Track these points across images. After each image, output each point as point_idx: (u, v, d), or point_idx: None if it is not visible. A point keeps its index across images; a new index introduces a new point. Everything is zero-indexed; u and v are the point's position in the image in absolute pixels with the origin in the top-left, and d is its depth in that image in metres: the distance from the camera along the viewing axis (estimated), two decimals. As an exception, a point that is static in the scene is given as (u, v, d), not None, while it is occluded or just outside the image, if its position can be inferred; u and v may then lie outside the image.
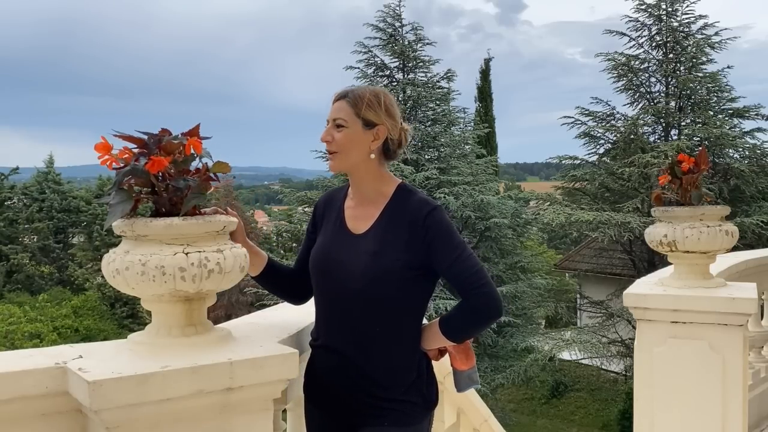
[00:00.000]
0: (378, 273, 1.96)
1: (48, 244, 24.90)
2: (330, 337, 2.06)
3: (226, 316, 15.69)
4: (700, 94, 15.08)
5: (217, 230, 1.63)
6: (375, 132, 2.03)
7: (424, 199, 2.04)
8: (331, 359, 2.05)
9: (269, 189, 62.00)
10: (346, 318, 2.02)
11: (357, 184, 2.11)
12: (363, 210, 2.08)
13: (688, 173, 3.08)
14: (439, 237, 1.96)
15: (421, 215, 1.97)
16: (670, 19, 15.16)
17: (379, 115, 2.03)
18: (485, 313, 1.97)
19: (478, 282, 1.93)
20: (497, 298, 1.95)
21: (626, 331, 13.65)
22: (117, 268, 1.56)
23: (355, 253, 2.01)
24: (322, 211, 2.21)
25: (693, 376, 3.11)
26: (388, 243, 1.99)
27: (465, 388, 2.21)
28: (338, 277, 2.03)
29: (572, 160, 15.63)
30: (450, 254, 1.95)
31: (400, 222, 2.00)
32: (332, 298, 2.06)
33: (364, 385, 2.01)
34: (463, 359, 2.15)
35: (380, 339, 2.00)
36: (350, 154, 2.03)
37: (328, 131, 2.04)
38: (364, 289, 1.98)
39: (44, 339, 16.29)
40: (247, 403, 1.60)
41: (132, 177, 1.58)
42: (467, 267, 1.94)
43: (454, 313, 2.01)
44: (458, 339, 2.05)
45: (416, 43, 15.74)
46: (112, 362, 1.51)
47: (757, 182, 14.00)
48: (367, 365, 2.00)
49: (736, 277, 4.06)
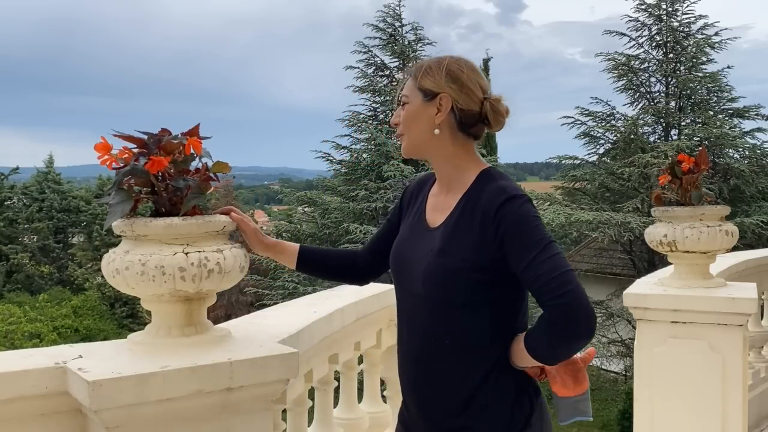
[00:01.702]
0: (441, 275, 1.67)
1: (48, 244, 24.91)
2: (403, 347, 1.81)
3: (226, 316, 15.68)
4: (700, 94, 15.09)
5: (217, 230, 1.63)
6: (437, 102, 1.71)
7: (503, 186, 1.66)
8: (406, 373, 1.80)
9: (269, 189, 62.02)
10: (413, 327, 1.76)
11: (436, 169, 1.81)
12: (443, 200, 1.78)
13: (688, 173, 3.07)
14: (514, 232, 1.59)
15: (494, 206, 1.62)
16: (670, 18, 15.17)
17: (438, 81, 1.71)
18: (568, 329, 1.54)
19: (559, 290, 1.52)
20: (583, 311, 1.52)
21: (626, 331, 13.65)
22: (117, 268, 1.56)
23: (422, 251, 1.73)
24: (408, 199, 1.93)
25: (693, 376, 3.11)
26: (456, 240, 1.67)
27: (567, 419, 1.78)
28: (406, 279, 1.77)
29: (572, 160, 15.65)
30: (525, 253, 1.57)
31: (474, 215, 1.66)
32: (402, 304, 1.82)
33: (433, 409, 1.74)
34: (566, 382, 1.75)
35: (452, 352, 1.68)
36: (414, 132, 1.75)
37: (397, 113, 1.79)
38: (427, 293, 1.69)
39: (44, 339, 16.30)
40: (247, 403, 1.60)
41: (132, 177, 1.57)
42: (546, 270, 1.54)
43: (536, 328, 1.62)
44: (544, 359, 1.64)
45: (416, 43, 15.75)
46: (111, 362, 1.51)
47: (757, 182, 14.01)
48: (434, 385, 1.72)
49: (736, 277, 4.06)
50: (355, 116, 15.84)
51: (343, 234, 14.01)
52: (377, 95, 15.93)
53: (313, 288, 12.28)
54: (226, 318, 3.26)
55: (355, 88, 15.98)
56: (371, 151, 15.01)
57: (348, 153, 15.68)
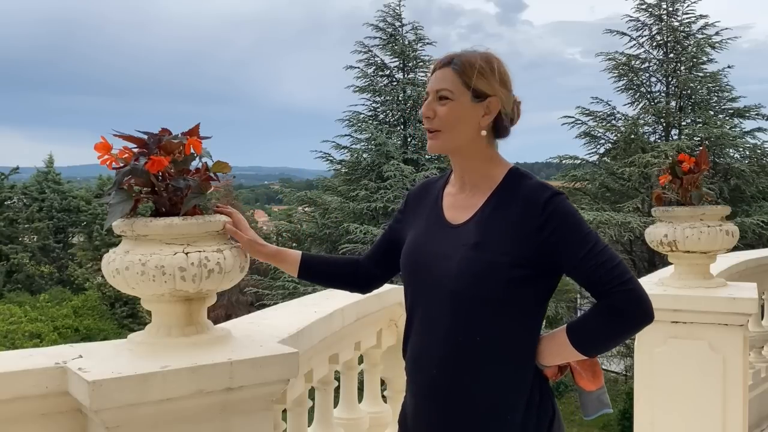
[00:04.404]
0: (479, 269, 1.62)
1: (48, 244, 24.93)
2: (419, 348, 1.73)
3: (226, 316, 15.69)
4: (701, 93, 15.11)
5: (217, 230, 1.63)
6: (486, 105, 1.69)
7: (543, 183, 1.68)
8: (421, 376, 1.72)
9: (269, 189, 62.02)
10: (437, 326, 1.67)
11: (462, 168, 1.77)
12: (466, 197, 1.74)
13: (689, 173, 3.07)
14: (565, 227, 1.60)
15: (540, 201, 1.61)
16: (670, 18, 15.19)
17: (493, 84, 1.69)
18: (632, 317, 1.58)
19: (622, 278, 1.56)
20: (646, 298, 1.57)
21: (626, 331, 13.63)
22: (117, 268, 1.56)
23: (452, 246, 1.67)
24: (413, 203, 1.89)
25: (693, 376, 3.11)
26: (493, 233, 1.64)
27: (594, 412, 1.80)
28: (431, 275, 1.70)
29: (573, 160, 15.67)
30: (581, 247, 1.58)
31: (512, 210, 1.64)
32: (423, 301, 1.72)
33: (454, 415, 1.66)
34: (590, 377, 1.76)
35: (480, 353, 1.63)
36: (457, 132, 1.70)
37: (429, 105, 1.72)
38: (460, 289, 1.63)
39: (44, 339, 16.32)
40: (247, 403, 1.60)
41: (132, 177, 1.57)
42: (604, 261, 1.57)
43: (590, 318, 1.61)
44: (593, 351, 1.65)
45: (416, 42, 15.77)
46: (112, 362, 1.51)
47: (757, 182, 14.03)
48: (461, 386, 1.65)
49: (736, 277, 4.06)
50: (355, 116, 15.85)
51: (343, 234, 14.01)
52: (377, 95, 15.94)
53: (313, 288, 12.28)
54: (226, 318, 3.26)
55: (356, 88, 16.00)
56: (371, 151, 15.02)
57: (348, 153, 15.69)
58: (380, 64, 15.89)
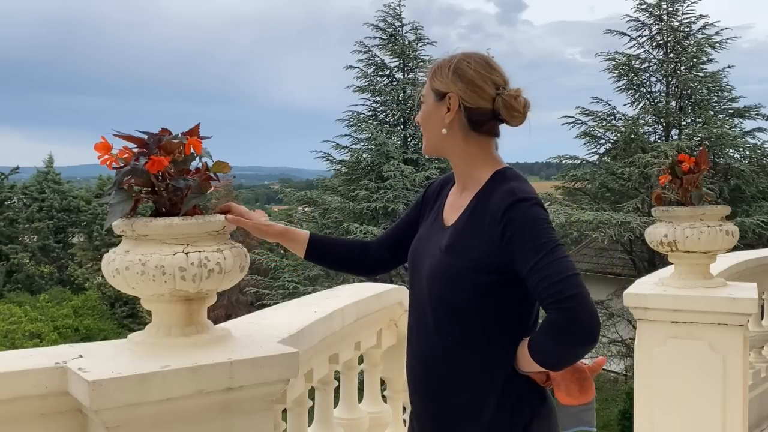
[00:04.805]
0: (450, 273, 1.65)
1: (48, 244, 24.92)
2: (411, 346, 1.80)
3: (226, 316, 15.69)
4: (701, 93, 15.10)
5: (217, 230, 1.63)
6: (446, 102, 1.70)
7: (513, 188, 1.64)
8: (411, 371, 1.80)
9: (269, 189, 62.05)
10: (421, 324, 1.74)
11: (453, 168, 1.80)
12: (460, 199, 1.77)
13: (689, 173, 3.07)
14: (520, 234, 1.57)
15: (502, 207, 1.60)
16: (670, 18, 15.17)
17: (446, 81, 1.70)
18: (572, 334, 1.51)
19: (563, 293, 1.49)
20: (588, 316, 1.49)
21: (626, 330, 13.64)
22: (117, 268, 1.56)
23: (436, 247, 1.72)
24: (429, 198, 1.92)
25: (693, 377, 3.11)
26: (464, 239, 1.66)
27: (568, 428, 1.71)
28: (418, 274, 1.76)
29: (572, 159, 15.65)
30: (531, 256, 1.54)
31: (483, 215, 1.65)
32: (414, 300, 1.80)
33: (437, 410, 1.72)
34: (571, 390, 1.68)
35: (454, 354, 1.67)
36: (429, 133, 1.76)
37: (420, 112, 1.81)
38: (434, 290, 1.69)
39: (44, 339, 16.31)
40: (247, 403, 1.60)
41: (132, 177, 1.57)
42: (551, 273, 1.51)
43: (538, 333, 1.62)
44: (548, 364, 1.61)
45: (416, 42, 15.75)
46: (112, 362, 1.51)
47: (757, 182, 14.01)
48: (437, 385, 1.71)
49: (736, 277, 4.06)
50: (355, 116, 15.84)
51: (343, 234, 14.00)
52: (377, 95, 15.93)
53: (313, 288, 12.28)
54: (226, 318, 3.26)
55: (355, 87, 15.99)
56: (371, 150, 15.01)
57: (348, 153, 15.68)
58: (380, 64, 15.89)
